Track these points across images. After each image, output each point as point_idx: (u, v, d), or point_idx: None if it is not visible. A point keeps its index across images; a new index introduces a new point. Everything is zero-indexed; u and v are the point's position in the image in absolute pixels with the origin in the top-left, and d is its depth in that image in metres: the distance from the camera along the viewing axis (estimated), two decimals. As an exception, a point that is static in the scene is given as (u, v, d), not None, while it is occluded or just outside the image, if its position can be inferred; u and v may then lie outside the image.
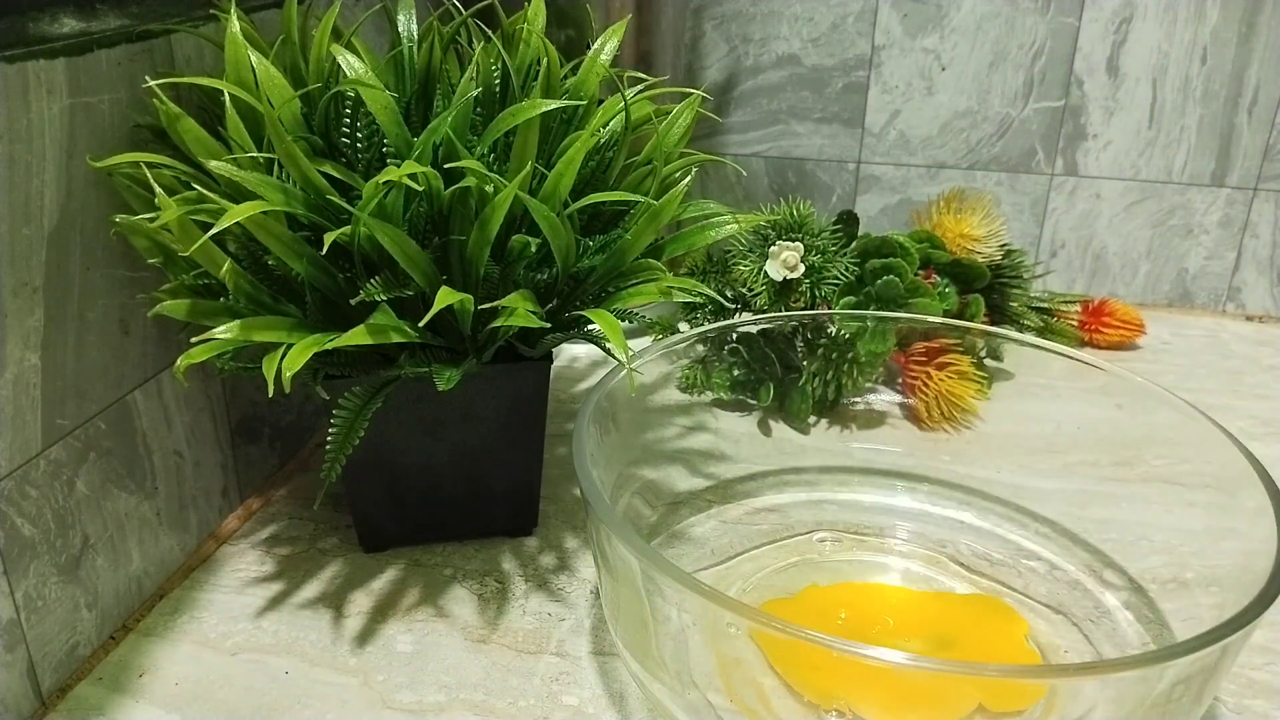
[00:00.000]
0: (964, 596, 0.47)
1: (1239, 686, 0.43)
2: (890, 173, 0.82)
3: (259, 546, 0.51)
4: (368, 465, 0.47)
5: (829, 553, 0.50)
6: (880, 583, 0.48)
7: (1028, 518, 0.51)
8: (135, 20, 0.44)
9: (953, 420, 0.57)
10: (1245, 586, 0.34)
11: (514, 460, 0.50)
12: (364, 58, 0.43)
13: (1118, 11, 0.74)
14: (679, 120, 0.47)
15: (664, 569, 0.34)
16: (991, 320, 0.69)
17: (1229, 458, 0.40)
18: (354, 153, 0.43)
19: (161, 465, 0.47)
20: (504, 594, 0.48)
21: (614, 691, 0.42)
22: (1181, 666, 0.31)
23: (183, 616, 0.46)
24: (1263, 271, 0.79)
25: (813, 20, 0.79)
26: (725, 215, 0.47)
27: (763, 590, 0.47)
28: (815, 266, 0.61)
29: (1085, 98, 0.77)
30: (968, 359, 0.58)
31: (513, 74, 0.44)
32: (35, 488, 0.39)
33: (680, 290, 0.44)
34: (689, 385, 0.58)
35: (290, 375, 0.37)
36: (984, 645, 0.43)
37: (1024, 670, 0.40)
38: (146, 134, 0.43)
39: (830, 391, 0.59)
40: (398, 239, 0.39)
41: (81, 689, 0.42)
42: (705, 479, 0.53)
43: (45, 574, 0.40)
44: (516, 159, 0.42)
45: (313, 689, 0.42)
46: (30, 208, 0.38)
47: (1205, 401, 0.47)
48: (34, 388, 0.39)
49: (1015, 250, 0.71)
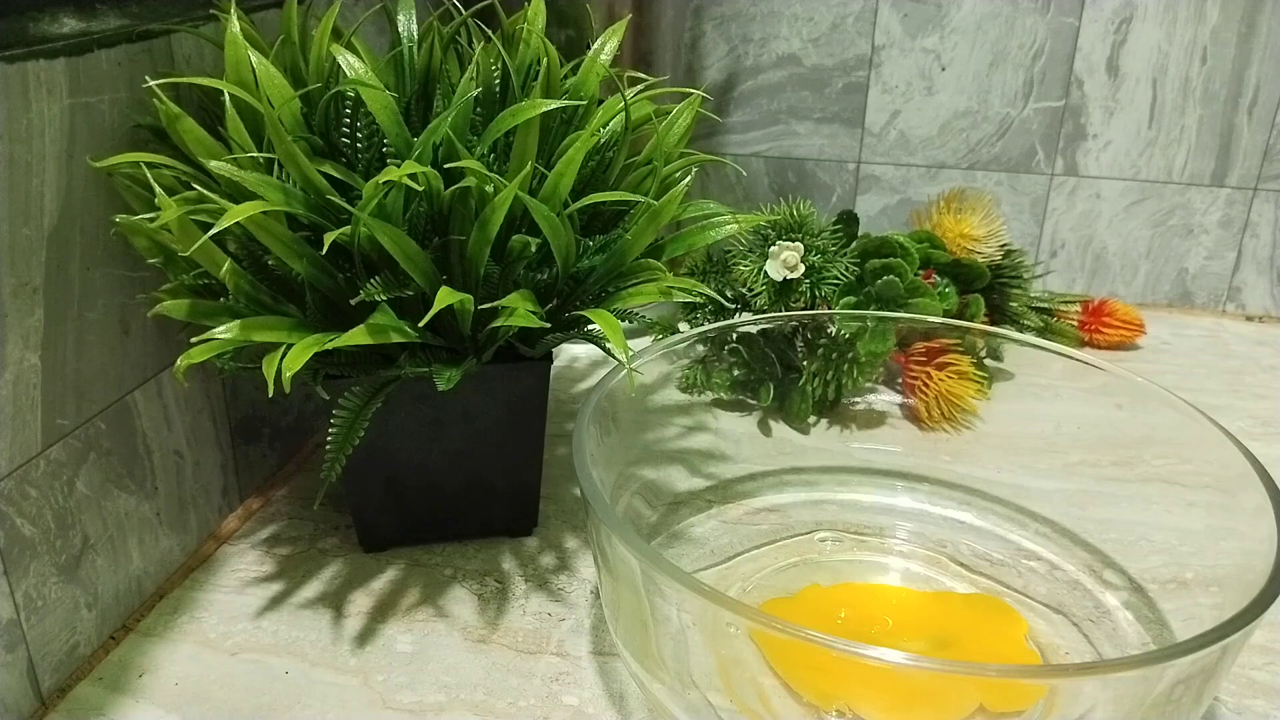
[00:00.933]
0: (964, 596, 0.47)
1: (1239, 686, 0.43)
2: (890, 173, 0.82)
3: (259, 546, 0.51)
4: (368, 465, 0.47)
5: (829, 552, 0.50)
6: (880, 583, 0.48)
7: (1028, 518, 0.51)
8: (135, 20, 0.44)
9: (953, 420, 0.57)
10: (1245, 586, 0.34)
11: (514, 460, 0.50)
12: (364, 58, 0.43)
13: (1118, 11, 0.74)
14: (679, 120, 0.47)
15: (664, 569, 0.34)
16: (991, 320, 0.69)
17: (1229, 458, 0.40)
18: (354, 153, 0.43)
19: (161, 465, 0.47)
20: (504, 594, 0.48)
21: (614, 691, 0.42)
22: (1181, 666, 0.31)
23: (183, 616, 0.46)
24: (1263, 271, 0.79)
25: (813, 20, 0.79)
26: (725, 215, 0.47)
27: (763, 590, 0.47)
28: (815, 266, 0.61)
29: (1085, 98, 0.77)
30: (968, 359, 0.58)
31: (513, 74, 0.44)
32: (35, 488, 0.39)
33: (680, 290, 0.44)
34: (689, 385, 0.58)
35: (290, 375, 0.37)
36: (984, 645, 0.43)
37: (1024, 670, 0.40)
38: (146, 134, 0.43)
39: (830, 391, 0.59)
40: (398, 239, 0.39)
41: (81, 689, 0.42)
42: (705, 479, 0.53)
43: (45, 574, 0.40)
44: (516, 159, 0.42)
45: (313, 689, 0.42)
46: (30, 208, 0.38)
47: (1205, 401, 0.47)
48: (34, 388, 0.39)
49: (1015, 250, 0.71)
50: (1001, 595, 0.47)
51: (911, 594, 0.47)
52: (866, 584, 0.48)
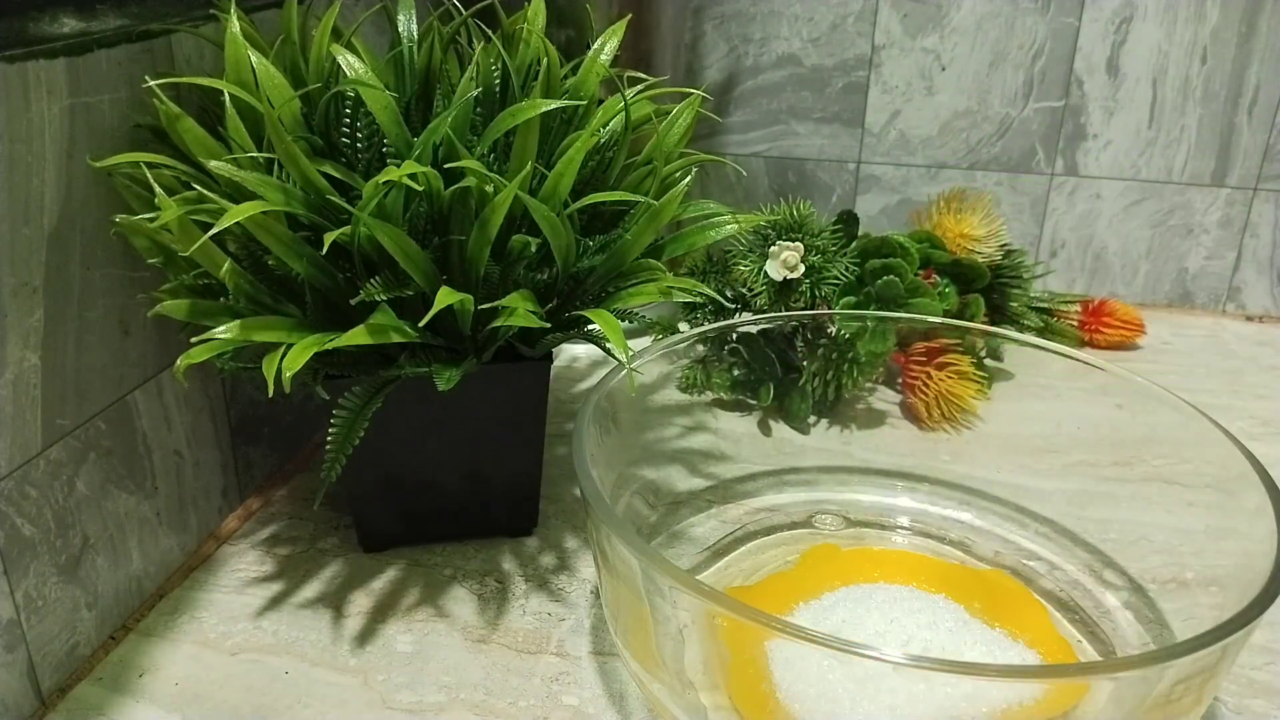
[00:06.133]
0: (978, 571, 0.47)
1: (1239, 686, 0.43)
2: (890, 173, 0.82)
3: (259, 546, 0.51)
4: (368, 465, 0.47)
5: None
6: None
7: (1028, 518, 0.51)
8: (135, 20, 0.44)
9: (953, 420, 0.57)
10: (1245, 586, 0.34)
11: (514, 460, 0.50)
12: (364, 58, 0.43)
13: (1118, 11, 0.74)
14: (679, 120, 0.47)
15: (664, 569, 0.34)
16: (991, 320, 0.69)
17: (1229, 458, 0.40)
18: (354, 153, 0.43)
19: (161, 465, 0.47)
20: (504, 594, 0.48)
21: (614, 691, 0.42)
22: (1181, 666, 0.31)
23: (183, 616, 0.46)
24: (1263, 271, 0.79)
25: (813, 20, 0.79)
26: (725, 215, 0.47)
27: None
28: (815, 266, 0.61)
29: (1085, 98, 0.77)
30: (968, 359, 0.58)
31: (513, 74, 0.44)
32: (35, 488, 0.39)
33: (680, 290, 0.44)
34: (689, 385, 0.58)
35: (290, 375, 0.37)
36: (1015, 623, 0.43)
37: (1024, 670, 0.40)
38: (146, 134, 0.43)
39: (830, 391, 0.59)
40: (398, 239, 0.39)
41: (81, 689, 0.42)
42: (705, 479, 0.53)
43: (45, 574, 0.40)
44: (516, 159, 0.42)
45: (313, 689, 0.42)
46: (30, 208, 0.38)
47: (1205, 401, 0.47)
48: (34, 388, 0.39)
49: (1015, 250, 0.71)
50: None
51: (929, 560, 0.47)
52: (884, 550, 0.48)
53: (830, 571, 0.46)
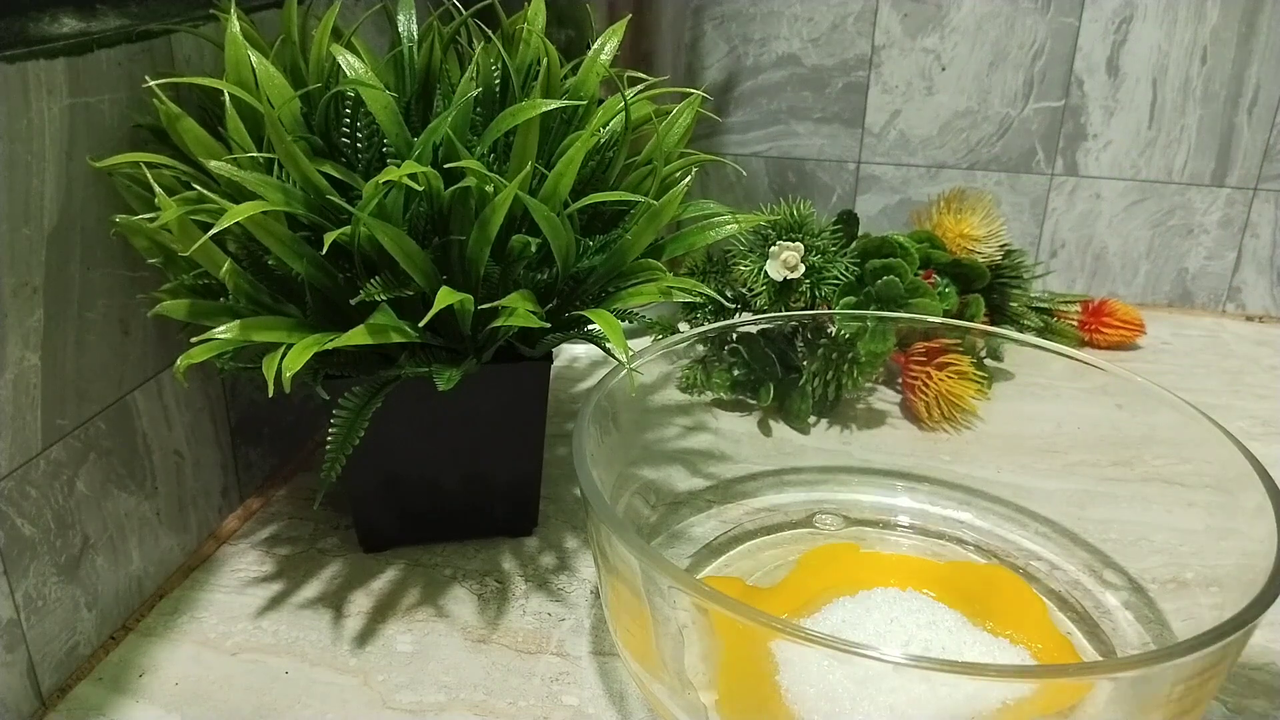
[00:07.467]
0: (977, 566, 0.47)
1: (1239, 686, 0.43)
2: (890, 173, 0.82)
3: (259, 546, 0.51)
4: (368, 465, 0.47)
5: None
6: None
7: (1028, 518, 0.51)
8: (135, 20, 0.44)
9: (953, 420, 0.57)
10: (1245, 586, 0.34)
11: (514, 460, 0.50)
12: (364, 58, 0.43)
13: (1118, 11, 0.74)
14: (679, 120, 0.47)
15: (664, 569, 0.34)
16: (991, 320, 0.69)
17: (1229, 458, 0.40)
18: (354, 153, 0.43)
19: (161, 465, 0.47)
20: (504, 594, 0.48)
21: (614, 691, 0.42)
22: (1182, 666, 0.31)
23: (183, 616, 0.46)
24: (1263, 271, 0.79)
25: (813, 20, 0.79)
26: (725, 215, 0.47)
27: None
28: (815, 266, 0.61)
29: (1085, 98, 0.77)
30: (968, 359, 0.58)
31: (513, 74, 0.44)
32: (35, 488, 0.39)
33: (680, 290, 0.44)
34: (689, 385, 0.58)
35: (290, 375, 0.37)
36: (1010, 619, 0.43)
37: (1025, 670, 0.40)
38: (146, 134, 0.43)
39: (830, 391, 0.59)
40: (398, 239, 0.39)
41: (81, 689, 0.42)
42: (705, 479, 0.53)
43: (45, 574, 0.40)
44: (516, 159, 0.42)
45: (313, 689, 0.42)
46: (30, 208, 0.38)
47: (1205, 401, 0.47)
48: (34, 388, 0.39)
49: (1015, 250, 0.71)
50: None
51: (929, 560, 0.47)
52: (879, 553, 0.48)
53: (830, 572, 0.46)
